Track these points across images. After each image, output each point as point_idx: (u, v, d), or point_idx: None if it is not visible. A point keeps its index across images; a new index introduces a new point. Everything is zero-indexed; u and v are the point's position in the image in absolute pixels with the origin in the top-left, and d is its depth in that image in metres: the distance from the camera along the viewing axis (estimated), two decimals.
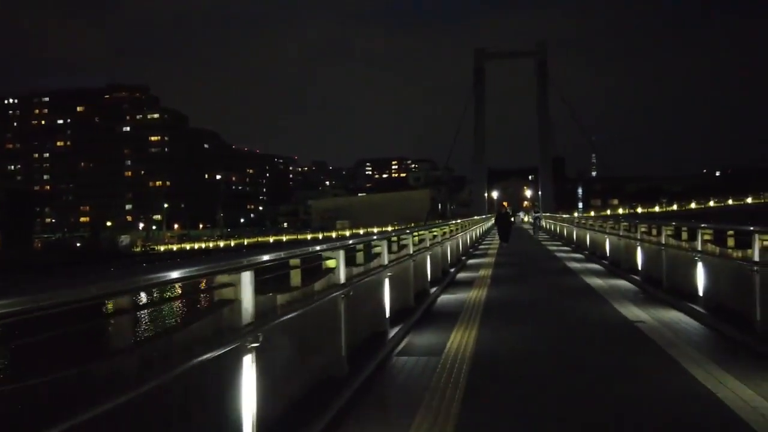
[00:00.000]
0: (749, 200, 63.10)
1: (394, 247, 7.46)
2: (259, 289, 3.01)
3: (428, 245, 9.65)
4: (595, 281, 10.66)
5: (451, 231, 14.33)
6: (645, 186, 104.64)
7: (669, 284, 8.65)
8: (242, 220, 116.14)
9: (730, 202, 63.85)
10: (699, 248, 7.29)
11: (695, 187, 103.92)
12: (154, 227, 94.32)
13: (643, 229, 10.50)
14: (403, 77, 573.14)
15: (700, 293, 7.25)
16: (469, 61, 75.81)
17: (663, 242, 8.90)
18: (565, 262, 14.74)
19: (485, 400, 4.14)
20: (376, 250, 6.19)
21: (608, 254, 13.83)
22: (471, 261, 16.16)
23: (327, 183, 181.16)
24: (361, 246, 5.74)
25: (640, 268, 10.46)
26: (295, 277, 3.93)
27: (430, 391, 4.32)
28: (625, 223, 12.38)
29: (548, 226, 35.38)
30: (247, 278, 2.86)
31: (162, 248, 75.29)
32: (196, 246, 72.20)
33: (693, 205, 65.82)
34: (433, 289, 9.48)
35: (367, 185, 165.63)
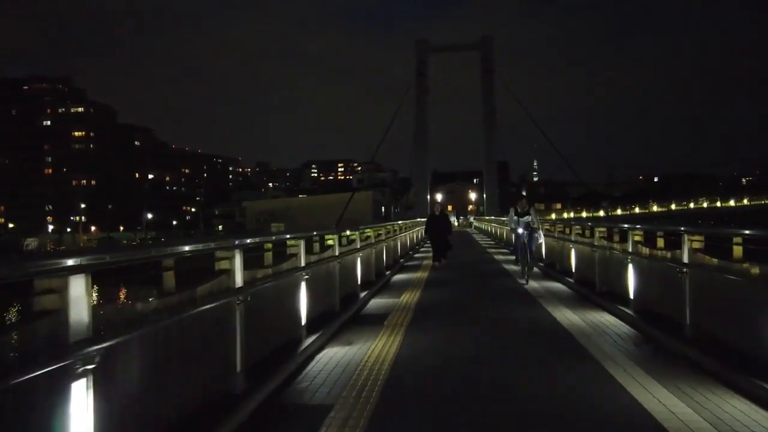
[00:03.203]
0: (691, 205, 62.90)
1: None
2: None
3: (303, 264, 5.83)
4: (567, 317, 7.12)
5: (368, 238, 10.56)
6: (586, 191, 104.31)
7: (697, 332, 5.18)
8: (174, 222, 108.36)
9: (672, 207, 63.41)
10: None
11: (634, 192, 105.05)
12: (69, 229, 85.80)
13: (637, 237, 7.04)
14: (354, 80, 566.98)
15: None
16: (413, 62, 71.63)
17: (685, 260, 5.42)
18: (519, 280, 11.23)
19: None
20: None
21: (574, 269, 10.42)
22: (397, 277, 12.45)
23: (270, 185, 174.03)
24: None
25: (632, 295, 7.01)
26: None
27: None
28: (602, 228, 8.93)
29: (494, 231, 32.32)
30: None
31: None
32: None
33: (637, 210, 64.98)
34: (312, 338, 5.68)
35: (313, 187, 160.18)
